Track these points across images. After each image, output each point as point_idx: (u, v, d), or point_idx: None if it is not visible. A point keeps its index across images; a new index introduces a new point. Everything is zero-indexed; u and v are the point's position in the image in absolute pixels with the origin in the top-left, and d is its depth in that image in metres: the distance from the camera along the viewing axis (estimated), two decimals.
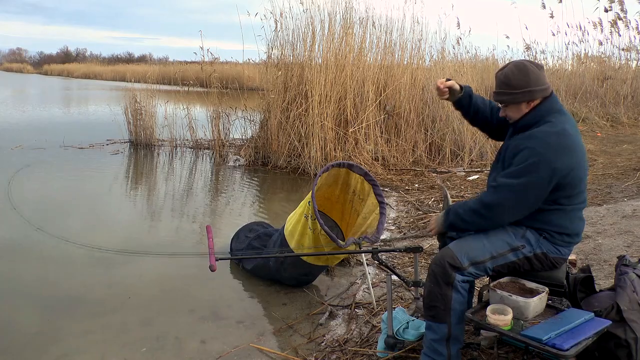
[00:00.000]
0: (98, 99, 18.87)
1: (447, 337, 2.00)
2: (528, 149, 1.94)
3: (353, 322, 2.88)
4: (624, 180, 5.66)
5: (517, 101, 2.03)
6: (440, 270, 1.99)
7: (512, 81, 2.02)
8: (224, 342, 2.70)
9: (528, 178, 1.92)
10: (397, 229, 4.51)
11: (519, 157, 1.95)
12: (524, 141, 1.98)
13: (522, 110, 2.05)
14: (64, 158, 7.77)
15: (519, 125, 2.09)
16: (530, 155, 1.92)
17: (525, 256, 2.03)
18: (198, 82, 9.32)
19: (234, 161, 7.58)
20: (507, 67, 2.08)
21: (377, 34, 7.64)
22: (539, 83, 2.02)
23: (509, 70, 2.05)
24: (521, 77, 2.01)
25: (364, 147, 6.96)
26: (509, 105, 2.07)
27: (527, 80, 2.01)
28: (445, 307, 1.98)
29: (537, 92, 2.02)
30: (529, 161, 1.92)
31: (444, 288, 1.98)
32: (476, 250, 2.01)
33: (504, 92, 2.06)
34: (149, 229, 4.72)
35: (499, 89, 2.08)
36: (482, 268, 2.02)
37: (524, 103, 2.03)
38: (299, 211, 3.16)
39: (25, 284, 3.39)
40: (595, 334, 1.81)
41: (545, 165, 1.90)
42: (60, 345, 2.67)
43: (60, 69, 53.80)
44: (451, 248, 2.04)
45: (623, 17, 10.74)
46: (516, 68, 2.04)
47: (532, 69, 2.03)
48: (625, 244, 3.56)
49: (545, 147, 1.92)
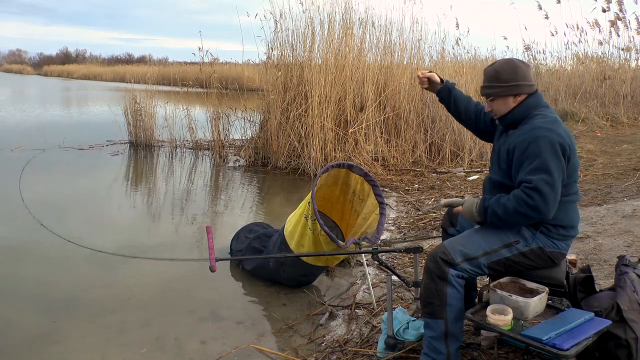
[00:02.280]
0: (98, 100, 18.85)
1: (444, 334, 2.00)
2: (537, 139, 1.95)
3: (353, 322, 2.88)
4: (623, 180, 5.66)
5: (504, 94, 2.10)
6: (434, 265, 2.02)
7: (502, 75, 2.10)
8: (224, 342, 2.70)
9: (554, 164, 1.92)
10: (397, 230, 4.51)
11: (531, 150, 1.95)
12: (526, 135, 1.99)
13: (509, 104, 2.11)
14: (64, 159, 7.77)
15: (507, 121, 2.14)
16: (543, 143, 1.94)
17: (520, 252, 2.03)
18: (198, 83, 9.32)
19: (234, 162, 7.58)
20: (497, 63, 2.17)
21: (376, 35, 7.66)
22: (527, 79, 2.11)
23: (498, 65, 2.14)
24: (510, 71, 2.10)
25: (363, 147, 6.96)
26: (497, 98, 2.12)
27: (515, 75, 2.09)
28: (441, 303, 1.99)
29: (524, 87, 2.10)
30: (544, 149, 1.93)
31: (439, 283, 2.00)
32: (469, 247, 2.04)
33: (492, 86, 2.12)
34: (149, 229, 4.72)
35: (487, 82, 2.15)
36: (476, 264, 2.03)
37: (511, 97, 2.10)
38: (298, 212, 3.16)
39: (26, 284, 3.39)
40: (596, 333, 1.81)
41: (558, 146, 1.94)
42: (61, 345, 2.67)
43: (60, 70, 53.81)
44: (444, 244, 2.08)
45: (622, 18, 10.75)
46: (505, 63, 2.14)
47: (520, 65, 2.13)
48: (625, 243, 3.56)
49: (550, 132, 1.97)
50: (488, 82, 2.14)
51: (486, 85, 2.15)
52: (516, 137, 2.04)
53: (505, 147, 2.09)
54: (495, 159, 2.19)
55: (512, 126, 2.13)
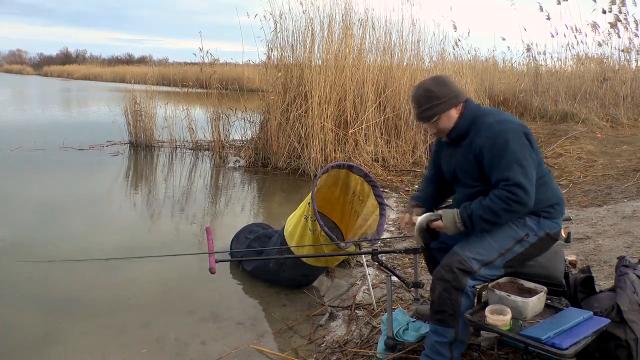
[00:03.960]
0: (98, 100, 18.88)
1: (452, 341, 2.00)
2: (499, 134, 1.97)
3: (353, 323, 2.88)
4: (623, 181, 5.66)
5: (446, 109, 2.10)
6: (451, 276, 1.96)
7: (436, 92, 2.10)
8: (223, 343, 2.70)
9: (524, 154, 1.95)
10: (397, 230, 4.51)
11: (498, 146, 1.96)
12: (487, 134, 2.00)
13: (453, 116, 2.11)
14: (64, 159, 7.77)
15: (455, 133, 2.13)
16: (506, 136, 1.96)
17: (531, 244, 2.05)
18: (198, 84, 9.33)
19: (234, 162, 7.59)
20: (422, 86, 2.16)
21: (376, 36, 7.67)
22: (458, 89, 2.15)
23: (427, 85, 2.14)
24: (444, 85, 2.13)
25: (363, 148, 6.97)
26: (441, 116, 2.10)
27: (447, 87, 2.12)
28: (454, 312, 1.97)
29: (460, 96, 2.13)
30: (510, 142, 1.95)
31: (454, 294, 1.97)
32: (483, 252, 2.00)
33: (431, 106, 2.10)
34: (149, 230, 4.72)
35: (425, 105, 2.11)
36: (493, 267, 2.02)
37: (453, 109, 2.10)
38: (298, 212, 3.16)
39: (26, 285, 3.39)
40: (594, 332, 1.82)
41: (522, 134, 1.98)
42: (61, 346, 2.67)
43: (60, 70, 53.84)
44: (458, 252, 2.01)
45: (622, 19, 10.75)
46: (433, 81, 2.16)
47: (446, 78, 2.18)
48: (625, 244, 3.56)
49: (506, 123, 2.01)
50: (426, 104, 2.10)
51: (425, 109, 2.10)
52: (478, 140, 2.03)
53: (467, 157, 2.08)
54: (461, 174, 2.14)
55: (462, 137, 2.12)
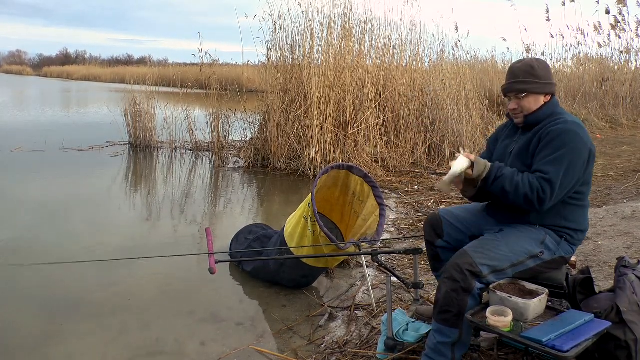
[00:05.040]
0: (97, 101, 18.85)
1: (455, 342, 2.00)
2: (568, 132, 1.96)
3: (353, 324, 2.88)
4: (623, 181, 5.66)
5: (539, 91, 2.07)
6: (461, 277, 1.94)
7: (538, 71, 2.07)
8: (223, 344, 2.70)
9: (575, 163, 1.94)
10: (396, 231, 4.51)
11: (559, 140, 1.95)
12: (560, 127, 1.98)
13: (540, 102, 2.08)
14: (64, 160, 7.76)
15: (531, 119, 2.09)
16: (572, 138, 1.95)
17: (544, 261, 2.04)
18: (197, 84, 9.32)
19: (234, 163, 7.58)
20: (528, 60, 2.14)
21: (376, 36, 7.66)
22: (554, 80, 2.12)
23: (532, 62, 2.11)
24: (545, 69, 2.10)
25: (363, 149, 6.97)
26: (530, 95, 2.07)
27: (549, 73, 2.10)
28: (459, 313, 1.95)
29: (553, 87, 2.12)
30: (571, 144, 1.94)
31: (461, 294, 1.95)
32: (495, 258, 1.98)
33: (528, 81, 2.06)
34: (149, 231, 4.71)
35: (523, 77, 2.07)
36: (503, 275, 2.01)
37: (542, 95, 2.08)
38: (298, 213, 3.16)
39: (26, 286, 3.39)
40: (595, 335, 1.81)
41: (583, 146, 1.96)
42: (61, 346, 2.67)
43: (59, 71, 53.89)
44: (470, 254, 1.98)
45: (622, 20, 10.76)
46: (538, 61, 2.12)
47: (548, 65, 2.12)
48: (625, 245, 3.57)
49: (582, 131, 1.99)
50: (523, 77, 2.06)
51: (520, 81, 2.06)
52: (548, 128, 2.01)
53: (530, 143, 2.04)
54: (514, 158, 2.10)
55: (535, 124, 2.08)
